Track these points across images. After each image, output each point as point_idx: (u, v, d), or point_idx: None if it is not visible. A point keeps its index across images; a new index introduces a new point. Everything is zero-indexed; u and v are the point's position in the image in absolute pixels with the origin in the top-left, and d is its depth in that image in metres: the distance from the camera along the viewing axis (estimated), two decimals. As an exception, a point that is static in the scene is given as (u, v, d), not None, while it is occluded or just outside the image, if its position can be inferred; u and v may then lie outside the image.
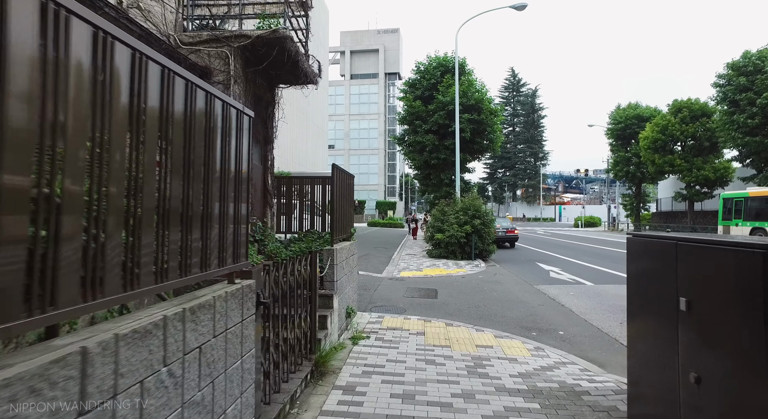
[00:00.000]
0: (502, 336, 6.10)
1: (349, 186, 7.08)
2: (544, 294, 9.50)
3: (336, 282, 5.57)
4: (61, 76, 1.31)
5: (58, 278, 1.31)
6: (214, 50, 5.70)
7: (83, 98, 1.41)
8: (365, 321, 6.79)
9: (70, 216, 1.35)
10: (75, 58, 1.37)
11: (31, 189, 1.23)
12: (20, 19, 1.17)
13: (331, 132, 72.08)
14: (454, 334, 6.10)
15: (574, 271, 12.90)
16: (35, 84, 1.23)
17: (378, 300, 8.59)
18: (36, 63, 1.23)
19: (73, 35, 1.35)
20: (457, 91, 19.07)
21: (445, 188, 21.61)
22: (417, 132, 21.49)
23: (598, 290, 9.85)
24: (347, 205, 6.90)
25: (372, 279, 10.94)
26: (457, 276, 12.01)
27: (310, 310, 4.52)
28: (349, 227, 6.98)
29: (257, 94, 6.64)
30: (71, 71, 1.35)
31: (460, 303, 8.39)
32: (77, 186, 1.38)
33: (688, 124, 30.16)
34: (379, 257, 15.85)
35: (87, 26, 1.42)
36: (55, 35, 1.28)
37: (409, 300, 8.56)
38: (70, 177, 1.35)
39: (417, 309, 7.88)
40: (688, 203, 32.51)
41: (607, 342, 5.99)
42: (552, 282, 11.11)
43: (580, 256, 17.28)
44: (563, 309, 7.98)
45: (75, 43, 1.36)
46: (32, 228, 1.25)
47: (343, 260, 6.05)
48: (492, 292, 9.63)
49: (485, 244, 15.86)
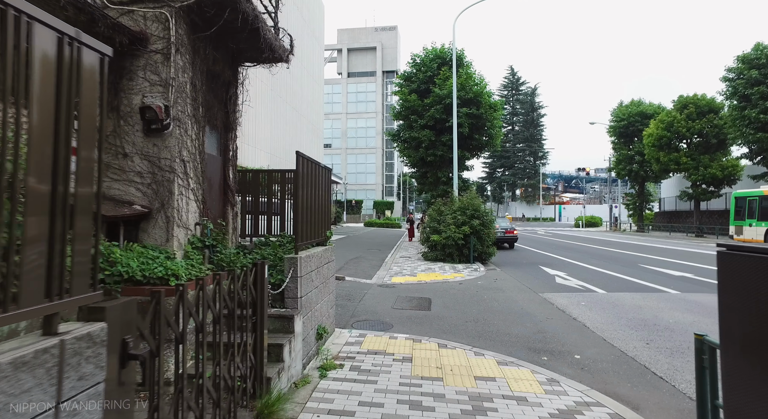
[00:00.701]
0: (506, 362, 5.00)
1: (324, 181, 5.98)
2: (552, 304, 8.41)
3: (300, 299, 4.47)
4: None
5: None
6: (151, 11, 4.61)
7: None
8: (343, 341, 5.69)
9: None
10: None
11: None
12: None
13: (328, 131, 70.98)
14: (449, 360, 5.00)
15: (582, 276, 11.81)
16: None
17: (362, 312, 7.48)
18: None
19: None
20: (454, 84, 17.98)
21: (442, 186, 20.51)
22: (413, 127, 20.38)
23: (612, 299, 8.76)
24: (321, 203, 5.80)
25: (359, 287, 9.83)
26: (454, 282, 10.91)
27: (255, 340, 3.42)
28: (323, 230, 5.88)
29: (212, 70, 5.54)
30: None
31: (457, 317, 7.29)
32: None
33: (694, 120, 29.09)
34: (370, 260, 14.75)
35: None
36: None
37: (398, 313, 7.46)
38: None
39: (406, 324, 6.78)
40: (694, 202, 31.45)
41: (636, 371, 4.90)
42: (559, 289, 10.02)
43: (586, 259, 16.20)
44: (576, 324, 6.89)
45: None
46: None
47: (311, 270, 4.95)
48: (493, 302, 8.53)
49: (485, 246, 14.77)
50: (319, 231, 5.69)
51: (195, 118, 5.02)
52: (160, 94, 4.55)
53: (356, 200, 64.36)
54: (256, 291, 3.36)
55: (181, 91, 4.71)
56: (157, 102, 4.49)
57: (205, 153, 5.28)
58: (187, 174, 4.78)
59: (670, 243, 24.81)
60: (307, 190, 5.07)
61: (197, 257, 4.67)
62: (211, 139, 5.68)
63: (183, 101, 4.74)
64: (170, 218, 4.54)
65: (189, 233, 4.84)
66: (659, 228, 39.34)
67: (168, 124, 4.52)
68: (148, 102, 4.47)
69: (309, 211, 5.19)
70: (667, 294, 9.24)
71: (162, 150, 4.56)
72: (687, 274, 12.09)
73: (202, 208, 5.16)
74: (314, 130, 41.86)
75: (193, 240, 4.83)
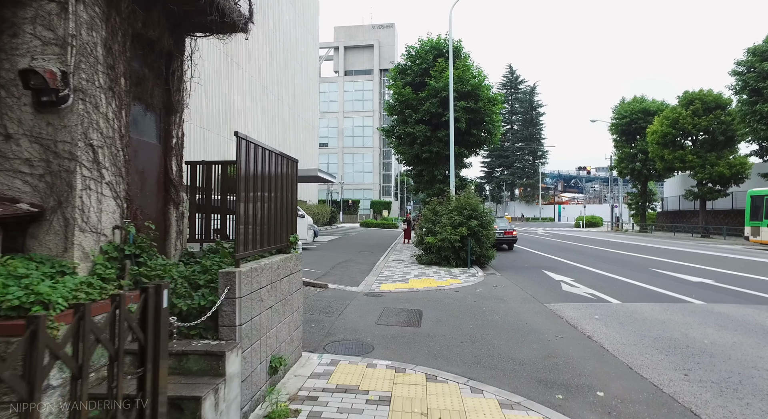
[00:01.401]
0: (511, 403, 3.91)
1: (286, 173, 4.89)
2: (561, 317, 7.32)
3: (239, 327, 3.38)
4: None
5: None
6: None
7: None
8: (308, 371, 4.60)
9: None
10: None
11: None
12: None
13: (324, 130, 69.95)
14: (437, 401, 3.91)
15: (590, 282, 10.73)
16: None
17: (340, 330, 6.38)
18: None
19: None
20: (451, 75, 16.87)
21: (438, 185, 19.41)
22: (407, 122, 19.27)
23: (629, 312, 7.68)
24: (283, 201, 4.71)
25: (342, 297, 8.73)
26: (450, 289, 9.82)
27: (150, 398, 2.32)
28: (285, 234, 4.78)
29: (143, 35, 4.44)
30: None
31: (451, 334, 6.20)
32: None
33: (700, 116, 28.06)
34: (360, 264, 13.65)
35: None
36: None
37: (382, 331, 6.36)
38: None
39: (390, 345, 5.68)
40: (700, 202, 30.41)
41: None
42: (567, 298, 8.93)
43: (592, 262, 15.12)
44: (592, 346, 5.80)
45: None
46: None
47: (261, 287, 3.86)
48: (493, 315, 7.45)
49: (483, 249, 13.67)
50: (278, 235, 4.59)
51: (113, 91, 3.91)
52: (55, 56, 3.45)
53: (353, 200, 63.32)
54: (145, 333, 2.26)
55: (88, 55, 3.60)
56: (48, 66, 3.39)
57: (130, 138, 4.18)
58: (98, 163, 3.68)
59: (676, 244, 23.76)
60: (257, 184, 3.97)
61: (110, 271, 3.57)
62: (143, 122, 4.57)
63: (91, 68, 3.63)
64: (70, 220, 3.43)
65: (103, 240, 3.73)
66: (662, 228, 38.33)
67: (66, 96, 3.41)
68: (36, 66, 3.37)
69: (262, 211, 4.10)
70: (691, 305, 8.15)
71: (59, 131, 3.46)
72: (706, 280, 11.01)
73: (125, 207, 4.04)
74: (309, 127, 40.77)
75: (108, 249, 3.72)
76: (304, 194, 37.01)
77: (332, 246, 20.03)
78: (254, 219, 3.89)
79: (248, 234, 3.72)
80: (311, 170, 29.14)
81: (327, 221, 38.56)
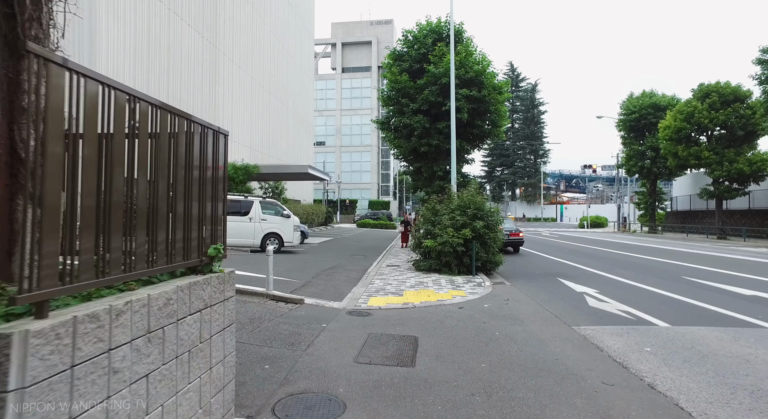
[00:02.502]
0: None
1: (198, 148, 3.12)
2: (599, 349, 5.56)
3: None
4: None
5: None
6: None
7: None
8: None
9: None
10: None
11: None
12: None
13: (321, 128, 68.18)
14: None
15: (619, 295, 8.98)
16: None
17: (303, 373, 4.60)
18: None
19: None
20: (452, 60, 15.13)
21: (438, 182, 17.66)
22: (404, 113, 17.50)
23: (688, 341, 5.91)
24: (185, 186, 2.94)
25: (318, 317, 6.96)
26: (453, 304, 8.07)
27: None
28: (198, 242, 3.00)
29: None
30: None
31: (457, 380, 4.43)
32: None
33: (717, 110, 26.33)
34: (349, 271, 11.89)
35: None
36: None
37: (362, 374, 4.58)
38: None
39: (371, 401, 3.91)
40: (715, 201, 28.66)
41: None
42: (597, 318, 7.18)
43: (610, 268, 13.37)
44: (660, 402, 4.03)
45: None
46: None
47: (119, 345, 2.08)
48: (510, 344, 5.69)
49: (490, 254, 11.92)
50: (177, 245, 2.81)
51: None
52: None
53: (350, 200, 61.48)
54: None
55: None
56: None
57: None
58: None
59: (694, 246, 22.03)
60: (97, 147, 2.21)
61: None
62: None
63: None
64: None
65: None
66: (672, 229, 36.61)
67: None
68: None
69: (129, 198, 2.34)
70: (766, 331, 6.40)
71: None
72: (761, 293, 9.25)
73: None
74: (304, 124, 39.00)
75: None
76: (298, 193, 35.23)
77: (322, 249, 18.27)
78: (103, 213, 2.12)
79: (73, 245, 1.95)
80: (302, 166, 27.39)
81: (322, 221, 36.80)
